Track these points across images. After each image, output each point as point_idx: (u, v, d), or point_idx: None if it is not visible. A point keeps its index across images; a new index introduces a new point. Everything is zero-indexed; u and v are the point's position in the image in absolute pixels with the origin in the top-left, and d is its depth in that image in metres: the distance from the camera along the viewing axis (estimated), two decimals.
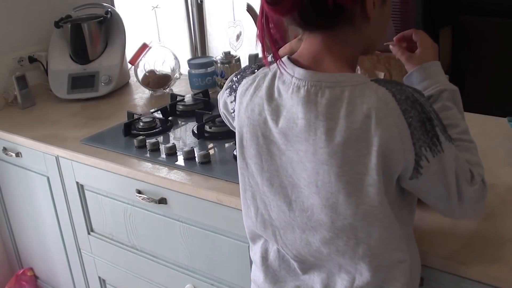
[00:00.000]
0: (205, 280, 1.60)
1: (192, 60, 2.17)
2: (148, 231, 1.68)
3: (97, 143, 1.76)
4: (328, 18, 0.91)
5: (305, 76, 0.93)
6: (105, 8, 2.28)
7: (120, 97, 2.20)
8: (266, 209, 1.04)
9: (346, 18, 0.91)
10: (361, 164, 0.88)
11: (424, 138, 0.88)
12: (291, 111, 0.94)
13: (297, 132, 0.93)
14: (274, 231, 1.04)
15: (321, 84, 0.91)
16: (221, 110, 1.16)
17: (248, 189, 1.06)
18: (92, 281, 2.00)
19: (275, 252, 1.09)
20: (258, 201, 1.05)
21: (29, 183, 2.00)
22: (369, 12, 0.91)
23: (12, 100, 2.18)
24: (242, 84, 1.04)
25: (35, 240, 2.15)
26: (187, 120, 1.87)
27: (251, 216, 1.08)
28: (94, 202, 1.80)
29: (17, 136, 1.92)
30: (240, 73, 1.08)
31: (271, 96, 0.97)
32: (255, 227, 1.08)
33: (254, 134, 1.00)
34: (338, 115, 0.88)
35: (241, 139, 1.04)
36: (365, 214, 0.92)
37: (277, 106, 0.96)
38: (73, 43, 2.21)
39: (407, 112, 0.87)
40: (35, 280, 2.27)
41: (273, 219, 1.03)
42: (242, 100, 1.02)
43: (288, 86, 0.94)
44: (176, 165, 1.56)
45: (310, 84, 0.92)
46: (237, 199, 1.37)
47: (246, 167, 1.04)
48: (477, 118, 1.65)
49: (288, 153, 0.96)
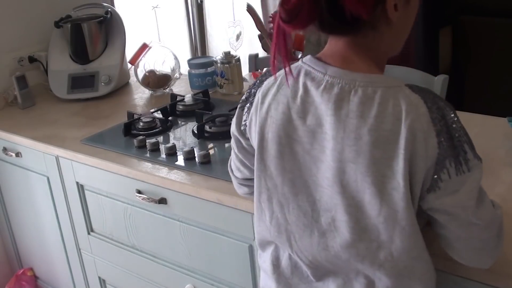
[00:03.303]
0: (205, 280, 1.60)
1: (192, 60, 2.17)
2: (148, 231, 1.68)
3: (97, 143, 1.76)
4: (348, 25, 0.90)
5: (339, 74, 0.92)
6: (105, 8, 2.28)
7: (120, 97, 2.20)
8: (282, 212, 1.02)
9: (367, 24, 0.90)
10: (387, 166, 0.88)
11: (450, 152, 0.87)
12: (320, 108, 0.93)
13: (325, 129, 0.92)
14: (289, 236, 1.02)
15: (355, 83, 0.90)
16: (234, 133, 1.11)
17: (264, 192, 1.04)
18: (92, 281, 2.00)
19: (286, 259, 1.06)
20: (274, 204, 1.03)
21: (29, 183, 2.00)
22: (391, 16, 0.90)
23: (12, 100, 2.18)
24: (264, 85, 1.02)
25: (35, 240, 2.15)
26: (187, 120, 1.87)
27: (264, 220, 1.05)
28: (94, 202, 1.80)
29: (17, 136, 1.92)
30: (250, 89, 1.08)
31: (296, 94, 0.96)
32: (268, 232, 1.06)
33: (276, 133, 0.98)
34: (369, 114, 0.88)
35: (261, 140, 1.01)
36: (388, 217, 0.90)
37: (303, 103, 0.95)
38: (73, 43, 2.21)
39: (437, 121, 0.86)
40: (35, 280, 2.27)
41: (289, 222, 1.01)
42: (264, 100, 1.01)
43: (319, 84, 0.93)
44: (176, 165, 1.56)
45: (344, 82, 0.91)
46: (237, 199, 1.37)
47: (264, 169, 1.02)
48: (477, 118, 1.65)
49: (313, 152, 0.95)
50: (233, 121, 1.11)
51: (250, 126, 1.05)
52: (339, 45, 0.94)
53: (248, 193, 1.23)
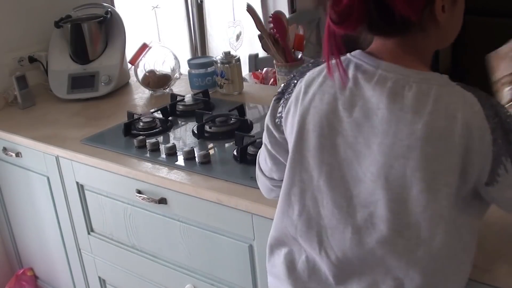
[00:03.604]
0: (205, 280, 1.60)
1: (192, 60, 2.17)
2: (148, 231, 1.68)
3: (97, 143, 1.76)
4: (397, 28, 0.92)
5: (393, 69, 0.93)
6: (105, 8, 2.28)
7: (120, 97, 2.20)
8: (315, 206, 1.00)
9: (416, 26, 0.91)
10: (439, 162, 0.88)
11: (505, 147, 0.88)
12: (370, 101, 0.93)
13: (374, 123, 0.92)
14: (319, 230, 1.00)
15: (409, 78, 0.91)
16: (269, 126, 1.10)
17: (297, 185, 1.02)
18: (92, 281, 2.00)
19: (303, 262, 1.04)
20: (306, 198, 1.01)
21: (29, 183, 2.00)
22: (439, 17, 0.91)
23: (12, 100, 2.17)
24: (307, 75, 1.02)
25: (35, 240, 2.15)
26: (187, 120, 1.87)
27: (291, 215, 1.03)
28: (94, 202, 1.80)
29: (17, 136, 1.92)
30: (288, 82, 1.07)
31: (345, 86, 0.96)
32: (293, 227, 1.03)
33: (319, 124, 0.98)
34: (424, 110, 0.88)
35: (301, 130, 1.00)
36: (434, 214, 0.90)
37: (352, 95, 0.95)
38: (73, 43, 2.21)
39: (491, 118, 0.87)
40: (35, 280, 2.27)
41: (322, 217, 0.99)
42: (308, 90, 1.00)
43: (371, 77, 0.94)
44: (176, 165, 1.56)
45: (398, 77, 0.92)
46: (237, 199, 1.37)
47: (301, 161, 1.01)
48: None
49: (356, 146, 0.94)
50: (268, 114, 1.10)
51: (287, 117, 1.04)
52: (387, 45, 0.95)
53: (277, 196, 1.19)
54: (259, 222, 1.37)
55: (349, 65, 0.97)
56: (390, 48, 0.95)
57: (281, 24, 1.83)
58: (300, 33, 1.90)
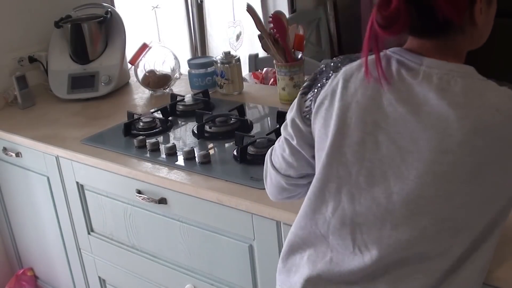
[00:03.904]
0: (205, 280, 1.60)
1: (192, 60, 2.17)
2: (148, 231, 1.68)
3: (97, 143, 1.76)
4: (438, 29, 0.93)
5: (437, 65, 0.93)
6: (105, 8, 2.28)
7: (120, 97, 2.20)
8: (351, 202, 0.99)
9: (456, 27, 0.93)
10: (486, 155, 0.89)
11: None
12: (417, 97, 0.93)
13: (422, 119, 0.92)
14: (354, 228, 0.98)
15: (453, 73, 0.92)
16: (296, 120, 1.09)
17: (334, 181, 1.00)
18: (92, 281, 2.00)
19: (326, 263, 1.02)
20: (343, 194, 0.99)
21: (29, 183, 2.00)
22: (478, 19, 0.93)
23: (12, 100, 2.18)
24: (346, 69, 1.02)
25: (35, 240, 2.15)
26: (187, 120, 1.87)
27: (324, 212, 1.02)
28: (94, 202, 1.80)
29: (17, 136, 1.92)
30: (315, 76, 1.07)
31: (388, 81, 0.96)
32: (326, 225, 1.01)
33: (362, 120, 0.97)
34: (471, 104, 0.89)
35: (342, 126, 0.98)
36: (478, 206, 0.92)
37: (397, 91, 0.95)
38: (73, 43, 2.21)
39: None
40: (35, 280, 2.27)
41: (357, 214, 0.98)
42: (348, 84, 0.99)
43: (416, 73, 0.94)
44: (176, 165, 1.56)
45: (442, 73, 0.93)
46: (237, 199, 1.37)
47: (339, 156, 0.99)
48: None
49: (401, 142, 0.94)
50: (293, 109, 1.09)
51: (318, 111, 1.03)
52: (426, 44, 0.96)
53: (288, 197, 1.20)
54: (259, 222, 1.37)
55: (390, 61, 0.98)
56: (428, 47, 0.96)
57: (281, 24, 1.83)
58: (300, 33, 1.91)
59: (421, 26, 0.93)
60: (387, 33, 0.92)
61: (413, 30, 0.95)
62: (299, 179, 1.14)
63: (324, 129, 1.02)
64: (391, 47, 1.00)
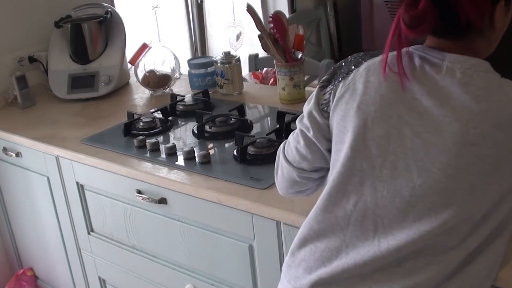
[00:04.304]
0: (205, 280, 1.60)
1: (192, 60, 2.17)
2: (148, 231, 1.68)
3: (97, 143, 1.76)
4: (459, 32, 0.96)
5: (459, 60, 0.95)
6: (105, 8, 2.28)
7: (120, 97, 2.20)
8: (374, 195, 0.99)
9: (478, 30, 0.96)
10: (506, 148, 0.91)
11: None
12: (441, 91, 0.94)
13: (446, 112, 0.93)
14: (375, 220, 0.99)
15: (475, 67, 0.94)
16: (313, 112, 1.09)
17: (357, 174, 1.01)
18: (92, 281, 2.00)
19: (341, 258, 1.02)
20: (365, 187, 1.00)
21: (29, 183, 2.00)
22: (497, 22, 0.96)
23: (12, 100, 2.18)
24: (368, 63, 1.03)
25: (35, 240, 2.15)
26: (187, 120, 1.87)
27: (344, 205, 1.02)
28: (94, 202, 1.80)
29: (17, 136, 1.92)
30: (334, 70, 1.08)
31: (412, 75, 0.97)
32: (345, 218, 1.01)
33: (386, 113, 0.98)
34: (493, 98, 0.92)
35: (366, 119, 0.99)
36: (499, 198, 0.93)
37: (422, 85, 0.96)
38: (73, 43, 2.21)
39: None
40: (35, 280, 2.27)
41: (379, 206, 0.99)
42: (370, 78, 1.01)
43: (439, 68, 0.96)
44: (176, 165, 1.56)
45: (465, 67, 0.94)
46: (237, 199, 1.37)
47: (363, 149, 1.00)
48: None
49: (425, 135, 0.95)
50: (311, 101, 1.09)
51: (337, 104, 1.04)
52: (446, 43, 0.98)
53: (299, 191, 1.20)
54: (259, 222, 1.37)
55: (413, 57, 0.99)
56: (448, 46, 0.98)
57: (281, 24, 1.83)
58: (300, 33, 1.90)
59: (442, 27, 0.95)
60: (413, 32, 0.93)
61: (434, 30, 0.97)
62: (311, 173, 1.15)
63: (344, 122, 1.03)
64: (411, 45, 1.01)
